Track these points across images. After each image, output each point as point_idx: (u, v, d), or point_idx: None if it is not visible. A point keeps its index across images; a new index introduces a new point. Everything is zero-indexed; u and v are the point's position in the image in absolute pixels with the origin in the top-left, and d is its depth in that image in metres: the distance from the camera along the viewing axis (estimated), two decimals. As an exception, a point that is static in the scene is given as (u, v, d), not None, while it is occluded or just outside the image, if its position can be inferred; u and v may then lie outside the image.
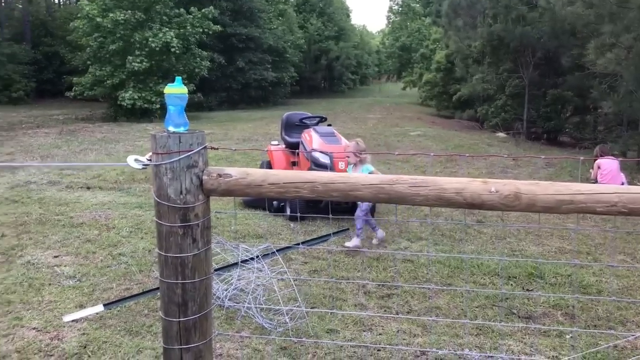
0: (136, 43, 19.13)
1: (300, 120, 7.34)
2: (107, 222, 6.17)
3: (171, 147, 1.81)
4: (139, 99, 19.28)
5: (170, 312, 1.90)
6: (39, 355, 3.23)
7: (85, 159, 10.78)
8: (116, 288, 4.29)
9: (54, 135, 15.28)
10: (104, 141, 13.82)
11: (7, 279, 4.44)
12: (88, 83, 20.35)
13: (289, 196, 1.91)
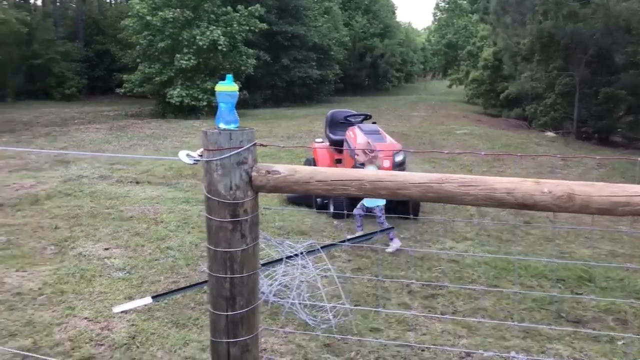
0: (184, 41, 19.48)
1: (345, 117, 7.34)
2: (155, 216, 6.31)
3: (222, 143, 1.84)
4: (187, 96, 19.62)
5: (218, 305, 1.93)
6: (90, 345, 3.33)
7: (135, 155, 11.05)
8: (164, 281, 4.38)
9: (104, 131, 15.72)
10: (152, 137, 14.14)
11: (60, 270, 4.60)
12: (137, 80, 20.84)
13: (336, 194, 1.92)
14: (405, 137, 13.84)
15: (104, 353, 3.23)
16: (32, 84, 32.00)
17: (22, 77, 31.66)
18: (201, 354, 3.20)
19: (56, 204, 6.92)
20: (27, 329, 3.54)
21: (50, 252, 5.12)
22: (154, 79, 20.20)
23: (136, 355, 3.19)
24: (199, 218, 6.19)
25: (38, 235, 5.62)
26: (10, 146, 13.10)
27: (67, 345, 3.32)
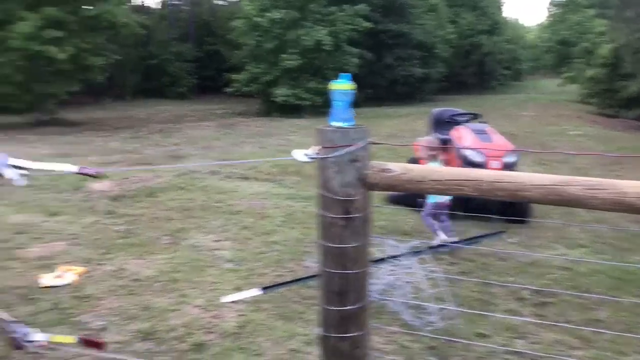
0: (290, 41, 19.93)
1: (451, 116, 7.19)
2: (261, 211, 6.51)
3: (337, 141, 1.86)
4: (291, 95, 20.07)
5: (329, 300, 1.96)
6: (202, 332, 3.50)
7: (242, 151, 11.46)
8: (270, 274, 4.51)
9: (214, 128, 16.44)
10: (258, 135, 14.59)
11: (174, 259, 4.86)
12: (245, 80, 21.59)
13: (450, 194, 1.88)
14: (513, 138, 13.29)
15: (215, 340, 3.37)
16: (148, 83, 34.05)
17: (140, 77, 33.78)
18: (306, 347, 3.26)
19: (170, 196, 7.32)
20: (145, 313, 3.77)
21: (165, 242, 5.42)
22: (260, 78, 20.83)
23: (245, 344, 3.31)
24: (302, 214, 6.31)
25: (154, 226, 5.97)
26: (128, 142, 14.01)
27: (181, 331, 3.50)
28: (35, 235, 5.68)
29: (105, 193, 7.61)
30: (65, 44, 16.61)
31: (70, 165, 2.51)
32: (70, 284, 4.31)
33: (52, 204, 6.98)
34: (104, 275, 4.51)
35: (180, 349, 3.27)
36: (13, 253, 5.10)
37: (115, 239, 5.50)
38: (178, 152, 11.62)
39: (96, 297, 4.05)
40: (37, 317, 3.74)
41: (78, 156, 11.44)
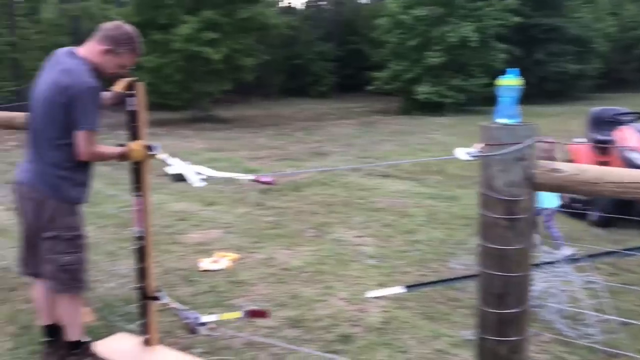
0: (434, 38, 19.61)
1: (614, 116, 6.64)
2: (403, 209, 6.49)
3: (502, 139, 1.81)
4: (433, 93, 19.76)
5: (487, 302, 1.91)
6: (347, 324, 3.57)
7: (382, 149, 11.49)
8: (413, 273, 4.49)
9: (354, 127, 16.64)
10: (398, 133, 14.54)
11: (319, 252, 5.01)
12: (386, 78, 21.61)
13: (627, 197, 1.75)
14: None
15: (360, 334, 3.43)
16: (293, 82, 35.28)
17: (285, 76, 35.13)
18: (452, 348, 3.21)
19: (314, 191, 7.54)
20: (293, 302, 3.93)
21: (310, 234, 5.60)
22: (402, 76, 20.72)
23: (389, 340, 3.33)
24: (446, 215, 6.20)
25: (300, 219, 6.19)
26: (274, 139, 14.62)
27: (327, 322, 3.60)
28: (194, 222, 6.15)
29: (255, 186, 8.02)
30: (220, 45, 17.71)
31: (247, 175, 2.78)
32: (225, 269, 4.61)
33: (208, 194, 7.49)
34: (255, 262, 4.77)
35: (326, 339, 3.36)
36: (175, 238, 5.55)
37: (265, 229, 5.78)
38: (320, 149, 11.92)
39: (249, 283, 4.29)
40: (196, 298, 4.04)
41: (229, 150, 12.17)
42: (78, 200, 2.86)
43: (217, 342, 3.33)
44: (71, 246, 2.81)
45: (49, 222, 2.77)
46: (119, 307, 3.82)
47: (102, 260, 4.78)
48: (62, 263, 2.79)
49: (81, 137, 2.68)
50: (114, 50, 2.79)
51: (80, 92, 2.63)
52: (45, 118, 2.73)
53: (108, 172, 8.68)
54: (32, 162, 2.80)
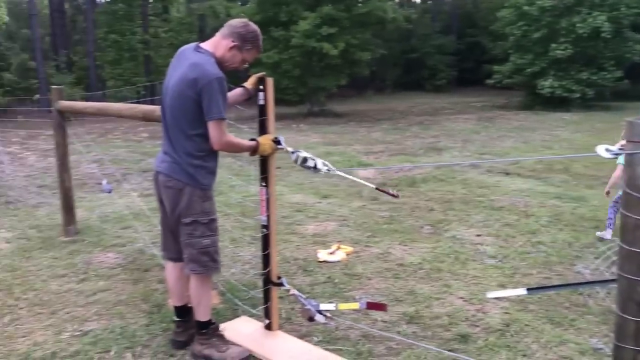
0: (562, 30, 18.56)
1: None
2: (525, 209, 6.23)
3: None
4: (559, 87, 18.72)
5: (628, 309, 1.79)
6: (466, 324, 3.49)
7: (502, 145, 11.09)
8: (536, 275, 4.30)
9: (473, 122, 16.19)
10: (520, 129, 13.96)
11: (436, 249, 4.93)
12: (508, 71, 20.79)
13: None
14: None
15: (479, 334, 3.34)
16: (408, 76, 34.99)
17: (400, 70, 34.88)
18: (580, 356, 3.04)
19: (430, 187, 7.44)
20: (409, 298, 3.91)
21: (427, 231, 5.53)
22: (525, 70, 19.84)
23: (510, 342, 3.22)
24: (572, 216, 5.88)
25: (415, 215, 6.14)
26: (389, 133, 14.56)
27: (444, 320, 3.54)
28: (311, 214, 6.29)
29: (370, 180, 8.05)
30: (337, 40, 17.92)
31: (369, 183, 2.83)
32: (341, 261, 4.68)
33: (323, 187, 7.64)
34: (371, 256, 4.79)
35: (444, 337, 3.31)
36: (293, 228, 5.71)
37: (381, 224, 5.80)
38: (437, 144, 11.73)
39: (365, 277, 4.32)
40: (314, 287, 4.14)
41: (344, 145, 12.31)
42: (210, 186, 3.03)
43: (334, 332, 3.39)
44: (208, 229, 2.99)
45: (187, 208, 2.94)
46: (242, 292, 4.01)
47: (226, 246, 5.03)
48: (201, 246, 2.97)
49: (212, 127, 2.82)
50: (241, 47, 2.94)
51: (207, 83, 2.75)
52: (177, 111, 2.89)
53: (231, 163, 9.11)
54: (167, 153, 2.99)
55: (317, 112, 20.77)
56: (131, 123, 17.59)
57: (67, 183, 5.59)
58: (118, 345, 3.30)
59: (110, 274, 4.54)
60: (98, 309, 3.85)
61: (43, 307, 3.90)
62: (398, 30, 28.00)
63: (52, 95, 5.39)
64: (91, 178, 8.89)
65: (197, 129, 2.87)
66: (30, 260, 4.90)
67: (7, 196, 7.57)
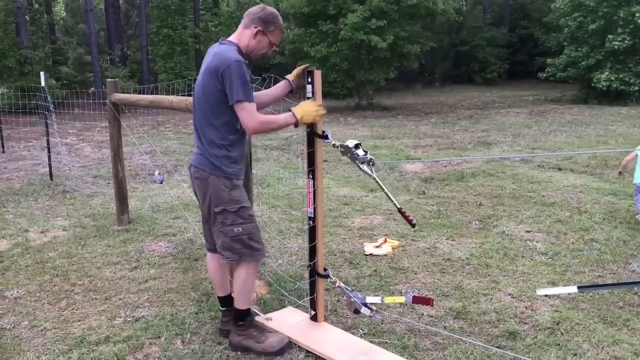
0: (619, 20, 17.88)
1: None
2: (578, 205, 6.06)
3: None
4: (616, 80, 18.06)
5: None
6: (515, 320, 3.43)
7: (555, 140, 10.79)
8: (588, 273, 4.18)
9: (524, 116, 15.82)
10: (573, 123, 13.56)
11: (484, 245, 4.86)
12: (561, 64, 20.20)
13: None
14: None
15: (528, 331, 3.28)
16: (457, 69, 34.47)
17: (450, 63, 34.38)
18: (634, 357, 2.95)
19: (479, 182, 7.32)
20: (456, 293, 3.87)
21: (475, 226, 5.45)
22: (580, 62, 19.22)
23: (561, 341, 3.14)
24: (627, 213, 5.68)
25: (464, 210, 6.05)
26: (438, 127, 14.39)
27: (492, 316, 3.49)
28: (357, 207, 6.29)
29: (418, 174, 7.99)
30: (386, 33, 17.79)
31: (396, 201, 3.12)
32: (387, 255, 4.66)
33: (369, 181, 7.59)
34: (417, 251, 4.76)
35: (492, 334, 3.27)
36: (339, 221, 5.73)
37: (428, 218, 5.75)
38: (486, 138, 11.51)
39: (411, 271, 4.30)
40: (360, 280, 4.14)
41: (391, 138, 12.24)
42: (237, 175, 3.04)
43: (380, 326, 3.39)
44: (239, 217, 3.00)
45: (215, 197, 2.97)
46: (288, 283, 4.05)
47: (274, 238, 5.09)
48: (233, 234, 2.99)
49: (239, 110, 2.83)
50: (265, 30, 3.00)
51: (227, 68, 2.79)
52: (202, 102, 2.96)
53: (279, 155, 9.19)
54: (197, 145, 3.06)
55: (365, 105, 20.70)
56: (182, 116, 17.95)
57: (120, 174, 5.76)
58: (168, 331, 3.39)
59: (161, 262, 4.66)
60: (149, 296, 3.96)
61: (97, 293, 4.05)
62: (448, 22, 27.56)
63: (107, 88, 5.55)
64: (143, 169, 9.13)
65: (221, 117, 2.91)
66: (86, 248, 5.09)
67: (64, 186, 7.86)
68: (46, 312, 3.76)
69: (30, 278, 4.37)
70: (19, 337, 3.39)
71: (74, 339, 3.34)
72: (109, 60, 27.81)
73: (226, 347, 3.18)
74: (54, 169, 8.60)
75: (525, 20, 34.38)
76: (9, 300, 3.96)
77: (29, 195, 7.34)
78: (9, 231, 5.67)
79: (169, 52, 25.93)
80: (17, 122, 14.78)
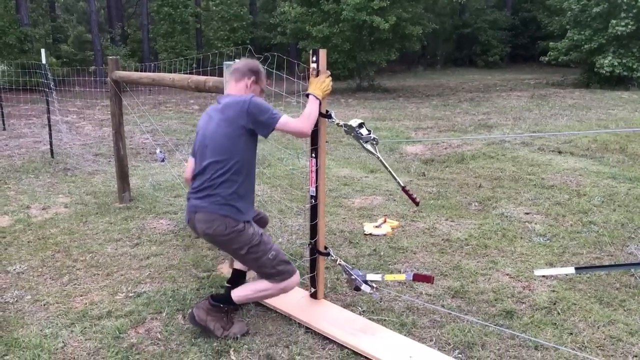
0: (623, 4, 17.74)
1: None
2: (577, 188, 6.08)
3: None
4: (618, 65, 17.98)
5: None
6: (512, 300, 3.48)
7: (556, 124, 10.78)
8: (586, 255, 4.22)
9: (525, 99, 15.77)
10: (574, 107, 13.52)
11: (483, 226, 4.89)
12: (564, 48, 20.07)
13: None
14: None
15: (525, 311, 3.33)
16: (459, 52, 34.29)
17: (452, 46, 34.17)
18: (629, 337, 2.99)
19: (480, 164, 7.34)
20: (455, 273, 3.91)
21: (474, 208, 5.48)
22: (583, 46, 19.10)
23: (557, 320, 3.19)
24: (627, 197, 5.71)
25: (463, 192, 6.08)
26: (439, 110, 14.36)
27: (490, 295, 3.54)
28: (357, 188, 6.31)
29: (418, 156, 8.01)
30: (389, 14, 17.65)
31: (400, 180, 3.13)
32: (386, 234, 4.70)
33: (370, 161, 7.64)
34: (416, 231, 4.80)
35: (489, 312, 3.31)
36: (340, 201, 5.76)
37: (427, 199, 5.77)
38: (487, 121, 11.50)
39: (410, 251, 4.34)
40: (360, 259, 4.18)
41: (392, 120, 12.22)
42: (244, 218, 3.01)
43: (379, 304, 3.43)
44: (264, 244, 2.98)
45: (233, 244, 2.96)
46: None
47: (274, 216, 5.12)
48: (271, 261, 2.98)
49: (285, 128, 2.94)
50: (257, 79, 3.12)
51: (251, 103, 2.89)
52: (220, 142, 2.97)
53: (280, 137, 9.19)
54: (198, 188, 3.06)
55: (366, 87, 20.62)
56: (182, 95, 17.90)
57: (122, 151, 5.77)
58: (170, 307, 3.43)
59: (163, 239, 4.70)
60: (151, 273, 4.00)
61: (99, 269, 4.09)
62: (450, 4, 27.36)
63: (108, 65, 5.54)
64: (144, 148, 9.14)
65: (238, 152, 2.95)
66: (87, 225, 5.12)
67: (65, 163, 7.88)
68: (49, 286, 3.80)
69: (32, 253, 4.41)
70: (22, 311, 3.44)
71: (77, 313, 3.38)
72: (110, 39, 27.65)
73: (227, 322, 3.22)
74: (55, 147, 8.61)
75: (528, 3, 34.11)
76: (12, 275, 4.00)
77: (30, 172, 7.36)
78: (10, 207, 5.70)
79: (170, 30, 25.78)
80: (17, 99, 14.75)
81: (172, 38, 25.68)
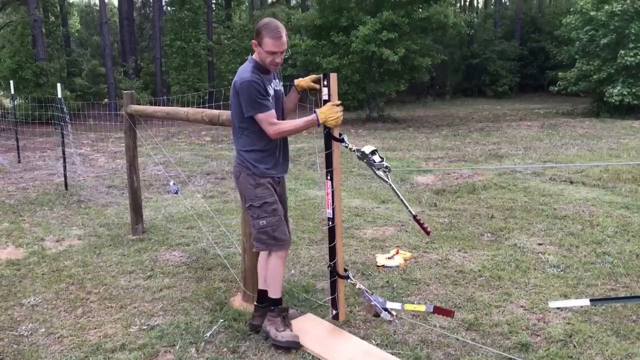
0: (631, 35, 17.86)
1: None
2: (590, 218, 6.05)
3: None
4: (628, 94, 18.01)
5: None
6: (527, 332, 3.44)
7: (567, 153, 10.78)
8: (600, 286, 4.18)
9: (535, 129, 15.80)
10: (585, 137, 13.53)
11: (496, 257, 4.87)
12: (573, 78, 20.17)
13: None
14: None
15: (540, 343, 3.29)
16: (468, 82, 34.52)
17: (461, 76, 34.43)
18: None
19: (491, 194, 7.33)
20: (468, 305, 3.88)
21: (487, 238, 5.46)
22: (592, 76, 19.19)
23: (573, 354, 3.15)
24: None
25: (475, 222, 6.06)
26: (449, 140, 14.40)
27: (504, 328, 3.50)
28: (369, 218, 6.32)
29: (429, 187, 8.01)
30: (397, 46, 17.87)
31: (412, 208, 3.11)
32: (399, 266, 4.69)
33: (381, 192, 7.66)
34: (429, 262, 4.78)
35: (504, 345, 3.28)
36: (352, 232, 5.76)
37: (440, 230, 5.76)
38: (498, 151, 11.51)
39: (423, 282, 4.32)
40: (373, 291, 4.14)
41: (402, 150, 12.26)
42: (261, 174, 3.31)
43: (392, 336, 3.41)
44: (263, 212, 3.30)
45: (243, 194, 3.38)
46: (301, 293, 4.08)
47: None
48: (259, 226, 3.32)
49: (258, 121, 3.18)
50: (258, 42, 3.20)
51: (240, 87, 3.15)
52: (232, 112, 3.34)
53: (290, 167, 9.24)
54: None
55: (376, 117, 20.76)
56: (194, 127, 18.09)
57: (135, 184, 5.83)
58: (182, 340, 3.43)
59: (175, 271, 4.72)
60: (164, 305, 4.01)
61: (113, 301, 4.10)
62: (459, 35, 27.67)
63: (123, 99, 5.64)
64: (157, 180, 9.22)
65: (244, 125, 3.27)
66: (101, 257, 5.15)
67: (79, 195, 7.96)
68: (62, 319, 3.82)
69: (46, 286, 4.44)
70: (36, 344, 3.45)
71: (90, 346, 3.39)
72: (123, 72, 28.11)
73: (240, 355, 3.22)
74: (69, 179, 8.71)
75: (536, 33, 34.43)
76: (26, 308, 4.03)
77: (45, 204, 7.44)
78: (25, 240, 5.76)
79: (182, 64, 26.17)
80: (32, 132, 14.97)
81: (184, 71, 26.06)
